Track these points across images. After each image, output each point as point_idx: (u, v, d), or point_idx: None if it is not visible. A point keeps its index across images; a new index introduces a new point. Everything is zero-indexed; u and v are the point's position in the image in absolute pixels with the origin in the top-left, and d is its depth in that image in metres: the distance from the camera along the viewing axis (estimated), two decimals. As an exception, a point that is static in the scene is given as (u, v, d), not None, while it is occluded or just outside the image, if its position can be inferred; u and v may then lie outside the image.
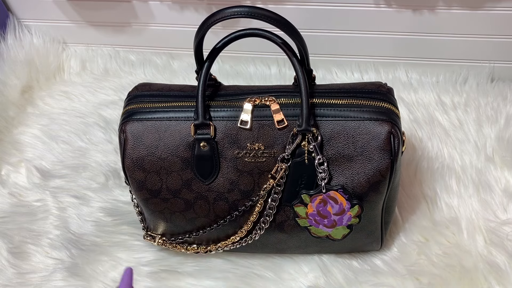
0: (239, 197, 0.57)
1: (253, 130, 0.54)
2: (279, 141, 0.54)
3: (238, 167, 0.56)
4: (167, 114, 0.56)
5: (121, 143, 0.57)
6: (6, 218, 0.73)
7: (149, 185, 0.57)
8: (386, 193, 0.56)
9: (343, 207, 0.54)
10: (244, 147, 0.55)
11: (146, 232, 0.65)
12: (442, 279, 0.61)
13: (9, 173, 0.80)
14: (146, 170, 0.57)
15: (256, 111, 0.54)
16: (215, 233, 0.61)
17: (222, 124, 0.55)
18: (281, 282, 0.63)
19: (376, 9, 0.82)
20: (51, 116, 0.89)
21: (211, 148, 0.55)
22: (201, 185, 0.57)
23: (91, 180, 0.77)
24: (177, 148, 0.55)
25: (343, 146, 0.54)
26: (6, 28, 0.97)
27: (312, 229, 0.57)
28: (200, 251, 0.63)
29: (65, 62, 1.00)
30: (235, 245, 0.61)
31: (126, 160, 0.57)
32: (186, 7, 0.89)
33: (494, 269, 0.61)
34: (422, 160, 0.75)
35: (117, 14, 0.94)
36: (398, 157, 0.54)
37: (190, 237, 0.62)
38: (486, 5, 0.79)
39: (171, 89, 0.59)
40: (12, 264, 0.67)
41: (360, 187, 0.54)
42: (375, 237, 0.61)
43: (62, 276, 0.65)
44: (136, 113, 0.56)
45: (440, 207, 0.69)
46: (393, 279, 0.62)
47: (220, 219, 0.59)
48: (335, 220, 0.56)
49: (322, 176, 0.53)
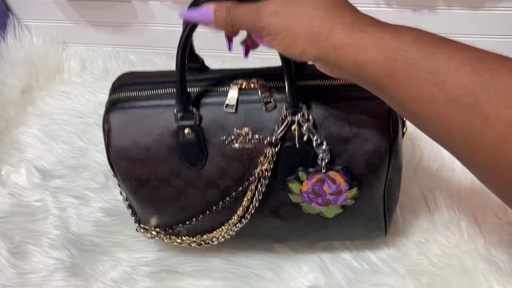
0: (230, 183, 0.55)
1: (239, 114, 0.52)
2: (268, 126, 0.51)
3: (226, 154, 0.53)
4: (150, 101, 0.53)
5: (105, 133, 0.55)
6: (6, 218, 0.73)
7: (136, 174, 0.56)
8: (386, 177, 0.54)
9: (340, 188, 0.53)
10: (231, 132, 0.52)
11: (139, 225, 0.63)
12: (442, 279, 0.61)
13: (9, 173, 0.80)
14: (132, 159, 0.54)
15: (243, 94, 0.52)
16: (209, 221, 0.59)
17: (207, 109, 0.52)
18: (281, 282, 0.63)
19: (376, 9, 0.82)
20: (51, 116, 0.89)
21: (197, 135, 0.52)
22: (190, 173, 0.55)
23: (91, 180, 0.77)
24: (162, 136, 0.53)
25: (338, 128, 0.51)
26: (6, 28, 0.97)
27: (304, 205, 0.55)
28: (196, 241, 0.62)
29: (65, 62, 1.00)
30: (229, 232, 0.59)
31: (111, 151, 0.55)
32: (186, 7, 0.89)
33: (494, 269, 0.61)
34: (422, 160, 0.75)
35: (117, 14, 0.94)
36: (398, 138, 0.52)
37: (183, 227, 0.60)
38: (486, 5, 0.79)
39: (155, 76, 0.57)
40: (12, 264, 0.67)
41: (358, 170, 0.52)
42: (378, 224, 0.60)
43: (62, 276, 0.65)
44: (119, 102, 0.54)
45: (440, 207, 0.69)
46: (393, 279, 0.62)
47: (213, 205, 0.57)
48: (329, 200, 0.54)
49: (322, 156, 0.51)
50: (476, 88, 0.32)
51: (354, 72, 0.39)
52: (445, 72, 0.34)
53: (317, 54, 0.39)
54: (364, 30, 0.37)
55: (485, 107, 0.32)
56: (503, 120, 0.31)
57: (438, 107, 0.34)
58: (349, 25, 0.38)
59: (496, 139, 0.32)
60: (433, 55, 0.34)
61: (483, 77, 0.32)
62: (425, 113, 0.36)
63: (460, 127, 0.34)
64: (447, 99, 0.34)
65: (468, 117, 0.33)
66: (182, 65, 0.49)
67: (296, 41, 0.39)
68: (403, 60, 0.35)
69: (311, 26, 0.38)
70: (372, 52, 0.36)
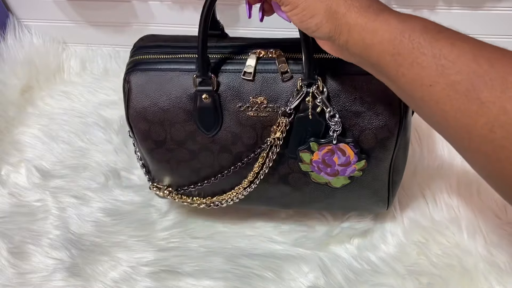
0: (242, 149, 0.57)
1: (256, 83, 0.54)
2: (283, 96, 0.53)
3: (240, 121, 0.55)
4: (170, 65, 0.55)
5: (125, 93, 0.57)
6: (6, 218, 0.73)
7: (153, 135, 0.58)
8: (394, 151, 0.56)
9: (349, 159, 0.54)
10: (247, 100, 0.54)
11: (152, 183, 0.65)
12: (442, 279, 0.61)
13: (9, 173, 0.80)
14: (150, 120, 0.57)
15: (260, 64, 0.53)
16: (220, 184, 0.61)
17: (225, 76, 0.54)
18: (281, 282, 0.63)
19: (376, 9, 0.82)
20: (51, 116, 0.89)
21: (213, 100, 0.54)
22: (204, 137, 0.57)
23: (91, 180, 0.77)
24: (180, 99, 0.55)
25: (351, 102, 0.53)
26: (6, 28, 0.97)
27: (313, 174, 0.57)
28: (206, 202, 0.64)
29: (65, 62, 1.00)
30: (238, 196, 0.61)
31: (130, 110, 0.57)
32: (186, 7, 0.89)
33: (494, 269, 0.61)
34: (422, 160, 0.75)
35: (117, 14, 0.94)
36: (408, 113, 0.54)
37: (195, 188, 0.63)
38: (486, 5, 0.79)
39: (177, 40, 0.59)
40: (12, 264, 0.67)
41: (367, 143, 0.54)
42: (381, 196, 0.61)
43: (62, 276, 0.65)
44: (140, 64, 0.56)
45: (440, 207, 0.69)
46: (393, 279, 0.62)
47: (225, 169, 0.59)
48: (338, 170, 0.56)
49: (334, 128, 0.53)
50: (474, 75, 0.34)
51: (361, 53, 0.40)
52: (447, 58, 0.35)
53: (330, 31, 0.41)
54: (377, 14, 0.39)
55: (481, 94, 0.33)
56: (497, 105, 0.33)
57: (437, 91, 0.36)
58: (364, 8, 0.40)
59: (488, 124, 0.33)
60: (438, 41, 0.36)
61: (482, 66, 0.34)
62: (424, 96, 0.37)
63: (455, 112, 0.35)
64: (446, 84, 0.35)
65: (464, 103, 0.34)
66: (205, 32, 0.51)
67: (313, 15, 0.41)
68: (407, 42, 0.37)
69: (330, 5, 0.40)
70: (380, 33, 0.38)
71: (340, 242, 0.67)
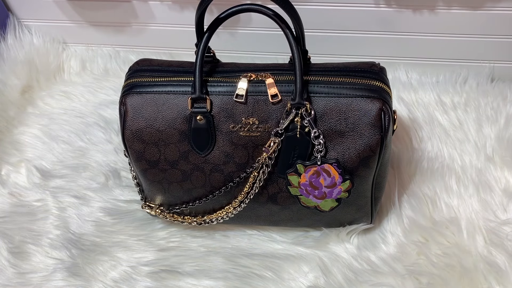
0: (234, 169, 0.59)
1: (248, 104, 0.56)
2: (273, 116, 0.56)
3: (233, 141, 0.58)
4: (165, 88, 0.58)
5: (121, 115, 0.59)
6: (6, 218, 0.73)
7: (147, 156, 0.60)
8: (376, 169, 0.58)
9: (335, 180, 0.57)
10: (239, 121, 0.57)
11: (144, 202, 0.67)
12: (442, 279, 0.61)
13: (9, 173, 0.80)
14: (145, 141, 0.59)
15: (252, 86, 0.56)
16: (211, 204, 0.63)
17: (219, 98, 0.57)
18: (281, 282, 0.63)
19: (376, 9, 0.82)
20: (51, 116, 0.89)
21: (207, 121, 0.57)
22: (197, 157, 0.59)
23: (91, 180, 0.77)
24: (175, 121, 0.58)
25: (335, 122, 0.56)
26: (6, 28, 0.97)
27: (302, 198, 0.59)
28: (197, 220, 0.65)
29: (65, 62, 1.00)
30: (228, 215, 0.63)
31: (126, 132, 0.59)
32: (186, 7, 0.89)
33: (494, 269, 0.61)
34: (422, 160, 0.75)
35: (117, 14, 0.94)
36: (388, 133, 0.56)
37: (186, 208, 0.65)
38: (486, 5, 0.79)
39: (171, 65, 0.61)
40: (12, 264, 0.67)
41: (351, 161, 0.57)
42: (365, 211, 0.64)
43: (62, 276, 0.65)
44: (136, 87, 0.58)
45: (440, 207, 0.69)
46: (393, 279, 0.62)
47: (216, 190, 0.61)
48: (325, 192, 0.58)
49: (318, 149, 0.55)
50: None
51: None
52: None
53: None
54: None
55: None
56: None
57: None
58: None
59: None
60: None
61: None
62: None
63: None
64: None
65: None
66: (202, 56, 0.55)
67: None
68: None
69: None
70: None
71: (340, 241, 0.67)
